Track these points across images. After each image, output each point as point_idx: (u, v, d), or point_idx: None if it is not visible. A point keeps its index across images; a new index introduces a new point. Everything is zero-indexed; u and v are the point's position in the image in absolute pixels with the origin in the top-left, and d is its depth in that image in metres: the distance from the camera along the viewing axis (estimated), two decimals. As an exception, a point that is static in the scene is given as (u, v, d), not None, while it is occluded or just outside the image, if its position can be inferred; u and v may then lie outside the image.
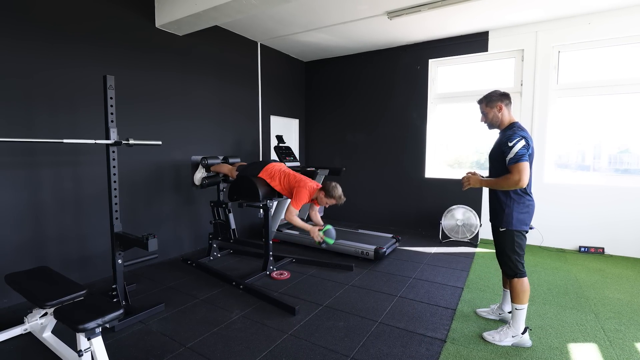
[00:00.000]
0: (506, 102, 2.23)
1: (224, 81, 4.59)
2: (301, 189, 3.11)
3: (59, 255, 3.06)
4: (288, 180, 3.23)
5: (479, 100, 2.31)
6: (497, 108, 2.22)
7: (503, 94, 2.24)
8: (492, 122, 2.28)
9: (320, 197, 3.15)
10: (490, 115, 2.26)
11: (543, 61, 4.34)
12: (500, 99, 2.22)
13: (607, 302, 2.85)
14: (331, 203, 3.13)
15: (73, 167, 3.13)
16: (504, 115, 2.23)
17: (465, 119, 5.07)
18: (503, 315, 2.52)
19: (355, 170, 5.78)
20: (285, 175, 3.26)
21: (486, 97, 2.27)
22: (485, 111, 2.28)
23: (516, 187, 2.09)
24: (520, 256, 2.20)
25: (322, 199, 3.14)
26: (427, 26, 4.48)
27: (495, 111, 2.24)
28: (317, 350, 2.15)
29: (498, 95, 2.23)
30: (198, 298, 2.92)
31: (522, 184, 2.06)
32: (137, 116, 3.58)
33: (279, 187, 3.25)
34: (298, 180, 3.19)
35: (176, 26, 3.74)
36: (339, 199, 3.11)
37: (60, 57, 3.00)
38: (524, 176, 2.04)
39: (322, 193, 3.14)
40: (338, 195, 3.10)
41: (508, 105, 2.24)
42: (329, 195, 3.10)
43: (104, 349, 1.78)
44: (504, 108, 2.22)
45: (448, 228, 4.69)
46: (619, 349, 2.17)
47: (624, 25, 3.90)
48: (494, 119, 2.26)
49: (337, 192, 3.11)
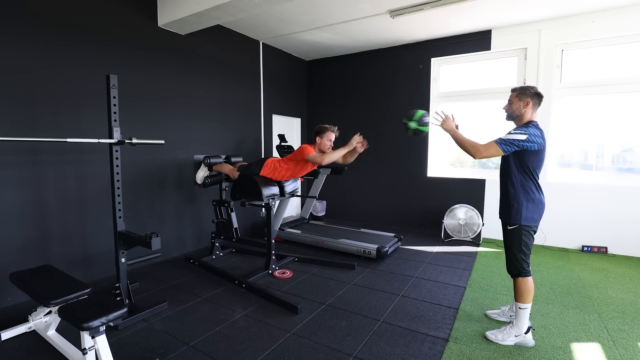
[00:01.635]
0: (535, 101, 2.22)
1: (226, 80, 4.59)
2: (301, 147, 3.15)
3: (63, 253, 3.08)
4: (288, 159, 3.30)
5: (513, 88, 2.30)
6: (525, 103, 2.21)
7: (537, 94, 2.22)
8: (513, 112, 2.27)
9: (319, 144, 3.18)
10: (515, 106, 2.25)
11: (546, 60, 4.33)
12: (532, 97, 2.21)
13: (611, 301, 2.85)
14: (332, 137, 3.18)
15: (77, 166, 3.14)
16: (526, 112, 2.22)
17: (468, 117, 5.05)
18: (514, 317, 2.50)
19: (357, 169, 5.76)
20: (284, 161, 3.33)
21: (522, 88, 2.26)
22: (512, 100, 2.27)
23: (470, 154, 2.21)
24: (526, 255, 2.20)
25: (322, 142, 3.17)
26: (430, 25, 4.46)
27: (522, 105, 2.22)
28: (320, 349, 2.16)
29: (532, 93, 2.22)
30: (201, 297, 2.93)
31: (476, 156, 2.19)
32: (140, 115, 3.59)
33: (287, 170, 3.28)
34: (293, 152, 3.29)
35: (178, 25, 3.74)
36: (332, 128, 3.17)
37: (63, 55, 3.01)
38: (485, 152, 2.15)
39: (317, 139, 3.19)
40: (328, 126, 3.18)
41: (536, 105, 2.23)
42: (322, 133, 3.16)
43: (108, 347, 1.79)
44: (530, 106, 2.21)
45: (450, 227, 4.68)
46: (622, 349, 2.17)
47: (627, 24, 3.88)
48: (516, 110, 2.25)
49: (325, 125, 3.19)
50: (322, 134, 3.19)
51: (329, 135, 3.19)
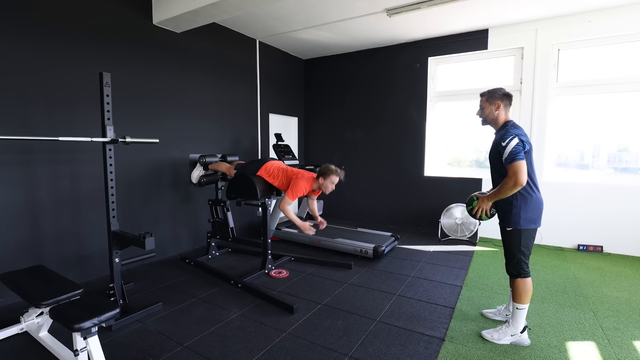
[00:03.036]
0: (506, 102, 2.22)
1: (222, 79, 4.56)
2: (299, 180, 3.11)
3: (56, 254, 3.04)
4: (286, 175, 3.24)
5: (481, 93, 2.30)
6: (495, 106, 2.22)
7: (506, 94, 2.23)
8: (486, 117, 2.28)
9: (322, 184, 3.15)
10: (487, 111, 2.26)
11: (543, 59, 4.33)
12: (501, 98, 2.22)
13: (606, 300, 2.85)
14: (335, 181, 3.14)
15: (70, 165, 3.10)
16: (499, 115, 2.22)
17: (464, 117, 5.05)
18: (510, 317, 2.48)
19: (354, 168, 5.76)
20: (283, 172, 3.27)
21: (489, 92, 2.26)
22: (483, 105, 2.28)
23: (517, 187, 2.04)
24: (525, 256, 2.18)
25: (325, 183, 3.14)
26: (427, 24, 4.45)
27: (493, 108, 2.23)
28: (316, 349, 2.14)
29: (500, 94, 2.22)
30: (196, 297, 2.90)
31: (521, 182, 2.03)
32: (135, 114, 3.56)
33: (280, 184, 3.25)
34: (296, 172, 3.22)
35: (174, 23, 3.71)
36: (337, 172, 3.13)
37: (56, 54, 2.98)
38: (520, 175, 2.02)
39: (321, 179, 3.15)
40: (334, 169, 3.13)
41: (507, 106, 2.23)
42: (327, 175, 3.12)
43: (100, 348, 1.77)
44: (501, 108, 2.22)
45: (447, 226, 4.68)
46: (617, 347, 2.17)
47: (623, 23, 3.89)
48: (489, 115, 2.25)
49: (331, 167, 3.14)
50: (326, 176, 3.12)
51: (333, 179, 3.13)
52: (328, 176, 3.12)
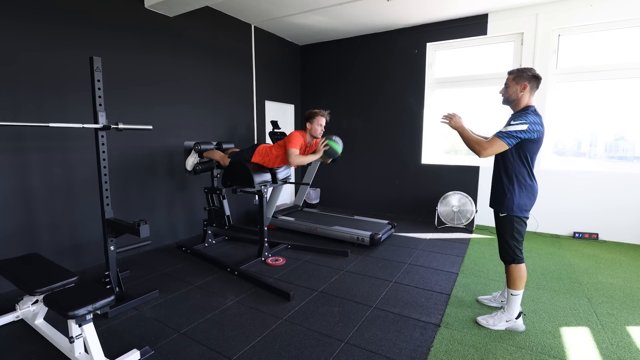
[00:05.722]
0: (533, 84, 2.13)
1: (217, 65, 4.48)
2: (290, 135, 3.11)
3: (51, 242, 3.02)
4: (278, 145, 3.22)
5: (510, 70, 2.22)
6: (522, 87, 2.12)
7: (535, 76, 2.13)
8: (510, 96, 2.18)
9: (310, 129, 3.15)
10: (511, 90, 2.17)
11: (543, 45, 4.26)
12: (529, 80, 2.12)
13: (600, 286, 2.88)
14: (322, 122, 3.14)
15: (63, 152, 3.05)
16: (523, 97, 2.14)
17: (463, 104, 5.00)
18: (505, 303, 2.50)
19: (351, 156, 5.73)
20: (275, 146, 3.26)
21: (518, 70, 2.17)
22: (509, 84, 2.18)
23: (477, 153, 2.11)
24: (519, 242, 2.18)
25: (313, 127, 3.13)
26: (426, 8, 4.36)
27: (519, 88, 2.13)
28: (312, 335, 2.15)
29: (529, 75, 2.12)
30: (193, 284, 2.90)
31: (483, 155, 2.09)
32: (128, 100, 3.49)
33: (276, 157, 3.20)
34: (284, 139, 3.22)
35: (166, 6, 3.60)
36: (321, 113, 3.13)
37: (45, 38, 2.89)
38: (490, 150, 2.07)
39: (307, 124, 3.15)
40: (318, 110, 3.14)
41: (533, 88, 2.14)
42: (312, 118, 3.12)
43: (96, 335, 1.76)
44: (527, 89, 2.12)
45: (444, 214, 4.69)
46: (610, 332, 2.19)
47: (626, 8, 3.81)
48: (513, 94, 2.16)
49: (315, 110, 3.15)
50: (312, 119, 3.14)
51: (319, 120, 3.13)
52: (314, 118, 3.12)
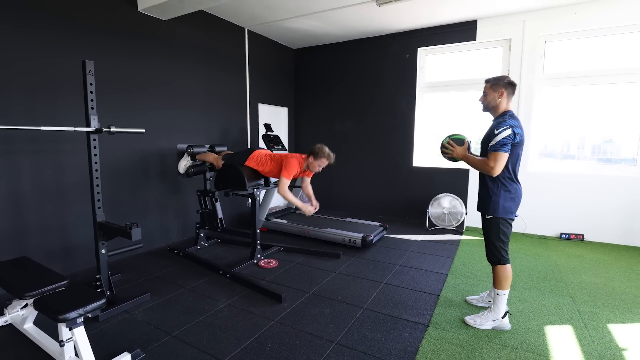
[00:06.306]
0: (509, 91, 2.25)
1: (210, 68, 4.49)
2: (289, 159, 3.12)
3: (41, 245, 3.00)
4: (274, 160, 3.24)
5: (487, 79, 2.32)
6: (499, 94, 2.24)
7: (510, 83, 2.25)
8: (489, 103, 2.29)
9: (311, 163, 3.15)
10: (490, 98, 2.28)
11: (530, 51, 4.37)
12: (505, 87, 2.23)
13: (584, 286, 2.95)
14: (324, 165, 3.13)
15: (54, 155, 3.04)
16: (501, 103, 2.25)
17: (454, 108, 5.09)
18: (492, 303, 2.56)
19: (344, 158, 5.77)
20: (271, 158, 3.28)
21: (495, 79, 2.28)
22: (487, 92, 2.29)
23: (489, 174, 2.17)
24: (504, 243, 2.25)
25: (313, 163, 3.14)
26: (416, 14, 4.44)
27: (496, 96, 2.25)
28: (303, 336, 2.18)
29: (505, 82, 2.24)
30: (184, 287, 2.91)
31: (494, 172, 2.13)
32: (121, 104, 3.49)
33: (270, 170, 3.25)
34: (284, 155, 3.24)
35: (159, 10, 3.62)
36: (329, 157, 3.12)
37: (39, 42, 2.89)
38: (498, 165, 2.12)
39: (311, 158, 3.14)
40: (327, 153, 3.11)
41: (510, 94, 2.26)
42: (318, 156, 3.10)
43: (87, 339, 1.77)
44: (504, 96, 2.24)
45: (435, 216, 4.75)
46: (592, 330, 2.26)
47: (609, 16, 3.93)
48: (491, 101, 2.27)
49: (325, 150, 3.12)
50: (318, 157, 3.12)
51: (323, 162, 3.13)
52: (319, 158, 3.12)
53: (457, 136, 2.43)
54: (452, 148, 2.39)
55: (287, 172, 3.09)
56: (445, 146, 2.44)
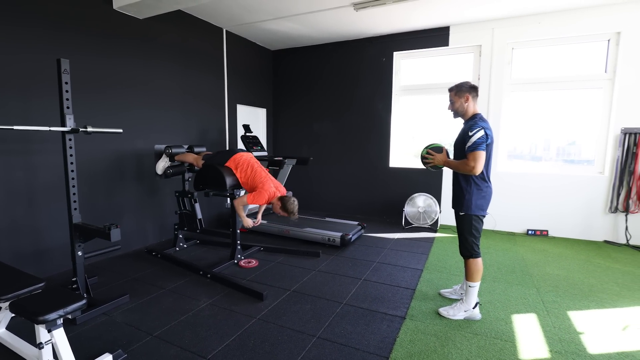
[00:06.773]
0: (473, 94, 2.40)
1: (188, 68, 4.46)
2: (263, 191, 3.04)
3: (11, 248, 2.90)
4: (253, 177, 3.15)
5: (450, 88, 2.46)
6: (465, 99, 2.38)
7: (472, 87, 2.40)
8: (457, 110, 2.44)
9: (275, 205, 3.09)
10: (457, 104, 2.42)
11: (498, 57, 4.62)
12: (469, 91, 2.38)
13: (548, 277, 3.17)
14: (283, 215, 3.10)
15: (24, 156, 2.94)
16: (469, 106, 2.40)
17: (428, 110, 5.28)
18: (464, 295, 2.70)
19: (322, 159, 5.86)
20: (251, 170, 3.19)
21: (457, 86, 2.42)
22: (453, 99, 2.43)
23: (470, 173, 2.28)
24: (476, 238, 2.40)
25: (277, 207, 3.08)
26: (392, 19, 4.59)
27: (462, 101, 2.39)
28: (285, 332, 2.24)
29: (467, 87, 2.39)
30: (164, 288, 2.89)
31: (476, 171, 2.25)
32: (97, 104, 3.42)
33: (242, 179, 3.21)
34: (263, 182, 3.11)
35: (136, 9, 3.57)
36: (292, 215, 3.07)
37: (10, 40, 2.79)
38: (477, 164, 2.24)
39: (279, 203, 3.07)
40: (292, 211, 3.05)
41: (474, 97, 2.41)
42: (284, 208, 3.05)
43: (67, 340, 1.75)
44: (470, 99, 2.39)
45: (410, 215, 4.92)
46: (554, 317, 2.44)
47: (570, 26, 4.23)
48: (459, 108, 2.42)
49: (293, 208, 3.05)
50: (285, 209, 3.04)
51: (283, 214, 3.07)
52: (284, 210, 3.05)
53: (434, 145, 2.55)
54: (432, 157, 2.50)
55: (254, 198, 3.03)
56: (425, 157, 2.54)
